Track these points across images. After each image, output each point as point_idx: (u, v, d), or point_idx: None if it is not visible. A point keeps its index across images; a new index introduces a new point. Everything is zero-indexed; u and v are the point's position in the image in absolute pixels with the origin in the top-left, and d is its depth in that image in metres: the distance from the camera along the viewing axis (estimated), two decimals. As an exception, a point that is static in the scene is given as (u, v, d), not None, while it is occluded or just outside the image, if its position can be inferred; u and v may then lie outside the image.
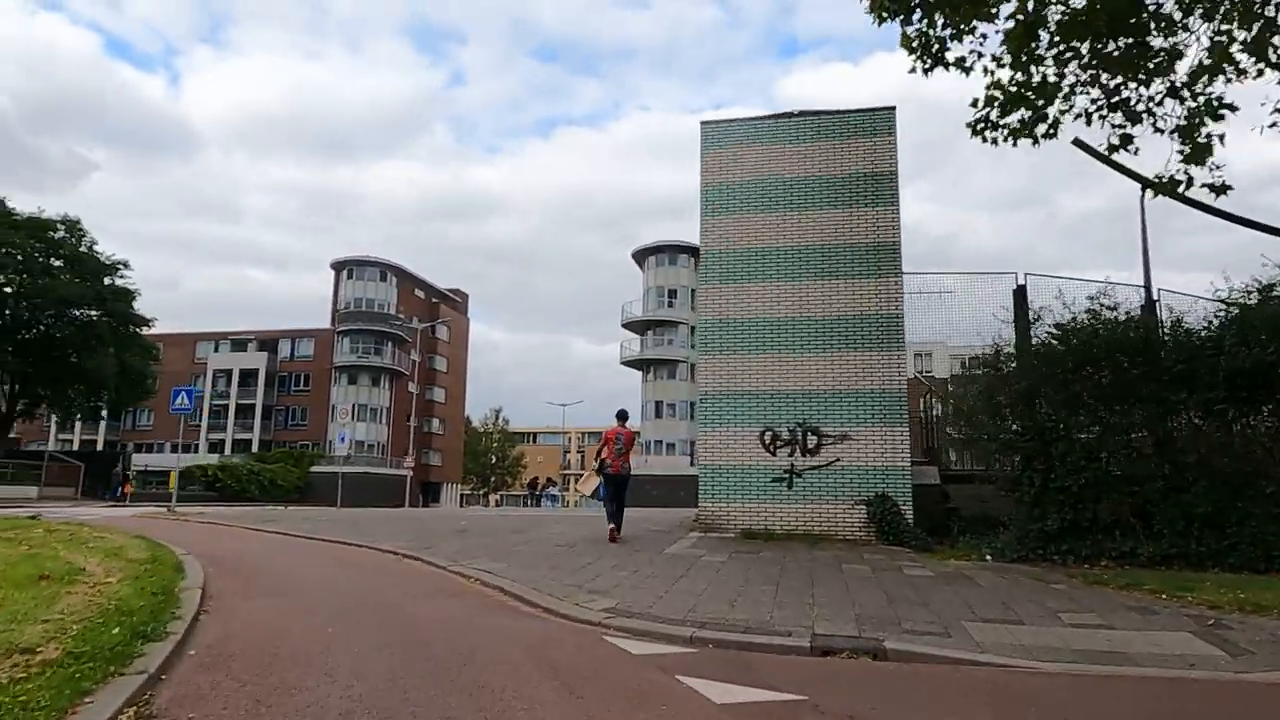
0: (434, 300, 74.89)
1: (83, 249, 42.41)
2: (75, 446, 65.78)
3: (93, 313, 41.52)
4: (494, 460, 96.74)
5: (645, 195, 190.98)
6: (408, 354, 69.10)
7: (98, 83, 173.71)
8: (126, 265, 43.63)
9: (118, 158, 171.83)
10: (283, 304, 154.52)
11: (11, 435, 71.10)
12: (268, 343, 69.01)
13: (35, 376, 41.36)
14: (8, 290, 39.35)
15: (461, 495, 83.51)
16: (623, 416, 13.17)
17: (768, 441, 12.84)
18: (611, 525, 11.90)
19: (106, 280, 42.76)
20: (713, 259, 13.65)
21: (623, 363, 63.95)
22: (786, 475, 12.68)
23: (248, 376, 67.51)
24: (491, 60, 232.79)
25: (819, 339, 12.96)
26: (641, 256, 64.72)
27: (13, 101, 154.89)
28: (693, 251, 63.87)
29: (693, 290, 63.22)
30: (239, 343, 69.49)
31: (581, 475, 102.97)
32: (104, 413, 46.29)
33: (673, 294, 62.80)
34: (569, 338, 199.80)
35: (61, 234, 42.04)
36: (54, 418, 62.25)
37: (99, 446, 66.50)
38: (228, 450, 65.07)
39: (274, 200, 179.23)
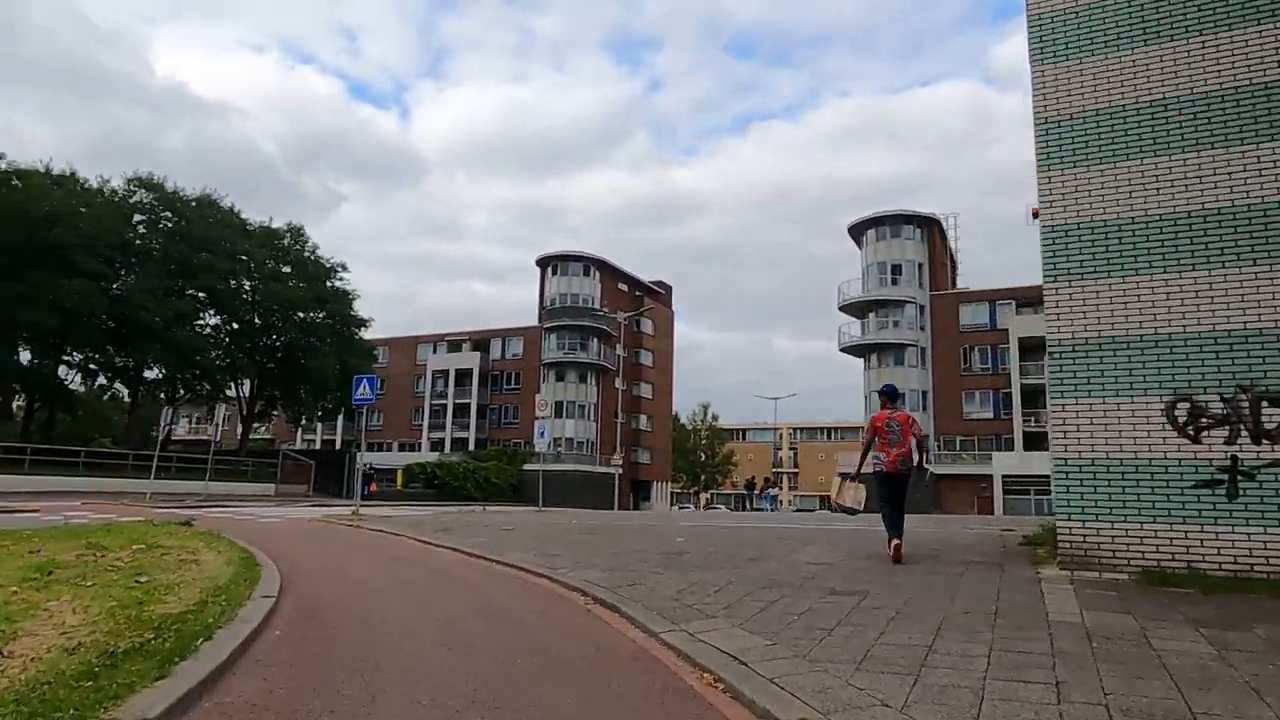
0: (637, 294, 72.88)
1: (306, 254, 43.77)
2: (317, 446, 70.66)
3: (315, 315, 42.60)
4: (703, 458, 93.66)
5: (847, 184, 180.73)
6: (613, 349, 67.48)
7: (343, 123, 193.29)
8: (344, 268, 44.58)
9: (362, 189, 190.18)
10: (501, 312, 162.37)
11: (266, 435, 78.36)
12: (480, 343, 70.28)
13: (269, 378, 43.18)
14: (244, 295, 41.20)
15: (672, 494, 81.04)
16: (892, 395, 9.48)
17: (1183, 419, 7.59)
18: (894, 539, 8.75)
19: (328, 283, 43.85)
20: (1062, 128, 8.53)
21: (841, 349, 57.98)
22: (1225, 475, 7.37)
23: (463, 376, 69.03)
24: (687, 62, 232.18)
25: (1271, 242, 7.51)
26: (860, 230, 58.36)
27: (279, 147, 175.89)
28: (919, 222, 56.55)
29: (920, 264, 55.99)
30: (454, 344, 71.38)
31: (816, 478, 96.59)
32: (327, 411, 47.58)
33: (896, 270, 55.91)
34: (772, 334, 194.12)
35: (287, 240, 43.62)
36: (303, 419, 66.78)
37: (337, 446, 70.85)
38: (447, 448, 66.71)
39: (491, 217, 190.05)
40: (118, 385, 44.48)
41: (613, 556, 9.58)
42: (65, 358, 41.79)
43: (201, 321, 40.03)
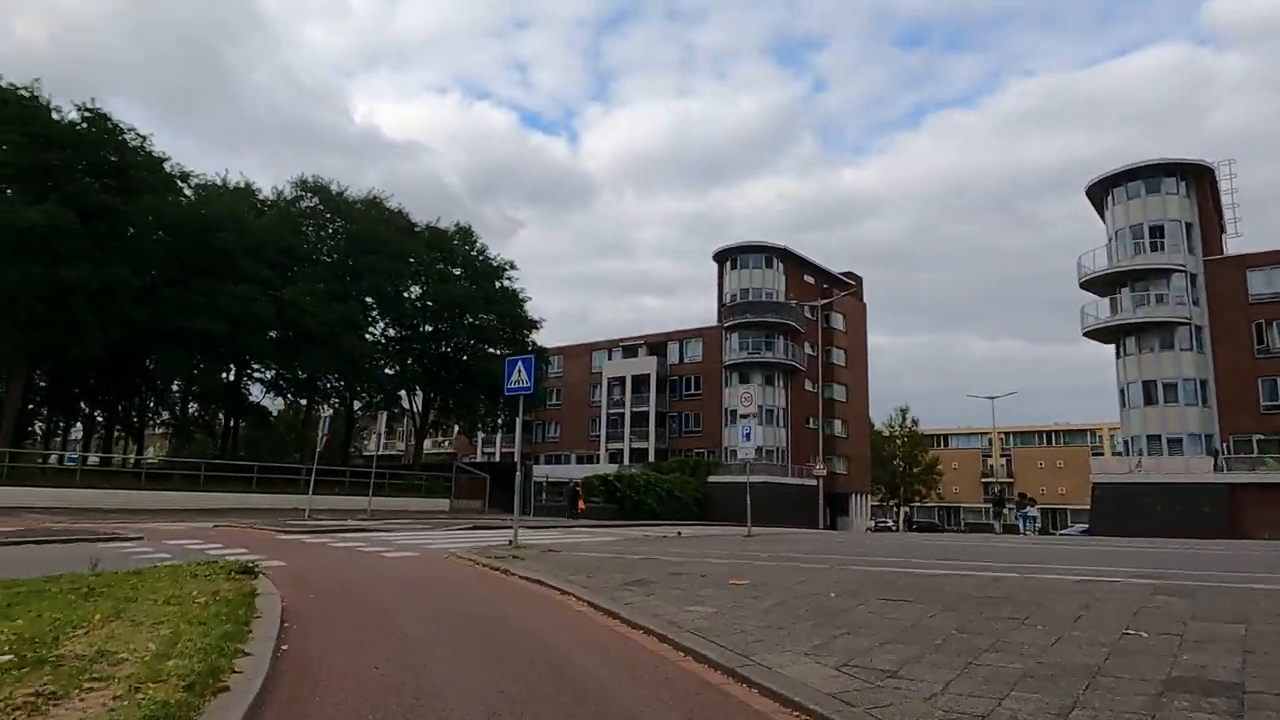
0: (825, 285, 65.81)
1: (474, 253, 40.99)
2: (496, 458, 69.13)
3: (485, 317, 39.54)
4: (902, 467, 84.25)
5: (1033, 170, 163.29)
6: (801, 347, 60.88)
7: (517, 152, 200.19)
8: (512, 266, 41.43)
9: (537, 214, 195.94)
10: (673, 325, 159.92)
11: (447, 449, 78.26)
12: (657, 347, 65.96)
13: (440, 386, 40.63)
14: (413, 300, 38.88)
15: (871, 508, 72.74)
16: None
17: None
18: None
19: (496, 284, 40.79)
20: None
21: (1085, 333, 48.06)
22: None
23: (639, 383, 64.95)
24: (853, 58, 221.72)
25: None
26: (1102, 191, 48.30)
27: (462, 179, 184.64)
28: (1183, 172, 45.84)
29: (1187, 225, 45.28)
30: (630, 349, 67.55)
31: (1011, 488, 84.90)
32: (498, 420, 44.48)
33: (1156, 232, 45.45)
34: (957, 335, 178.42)
35: (456, 241, 41.05)
36: (479, 430, 65.30)
37: (516, 458, 68.84)
38: (625, 460, 62.74)
39: (659, 231, 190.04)
40: (301, 400, 43.61)
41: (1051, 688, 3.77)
42: (256, 373, 41.41)
43: (371, 329, 38.06)
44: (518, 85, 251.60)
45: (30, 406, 45.15)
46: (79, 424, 48.77)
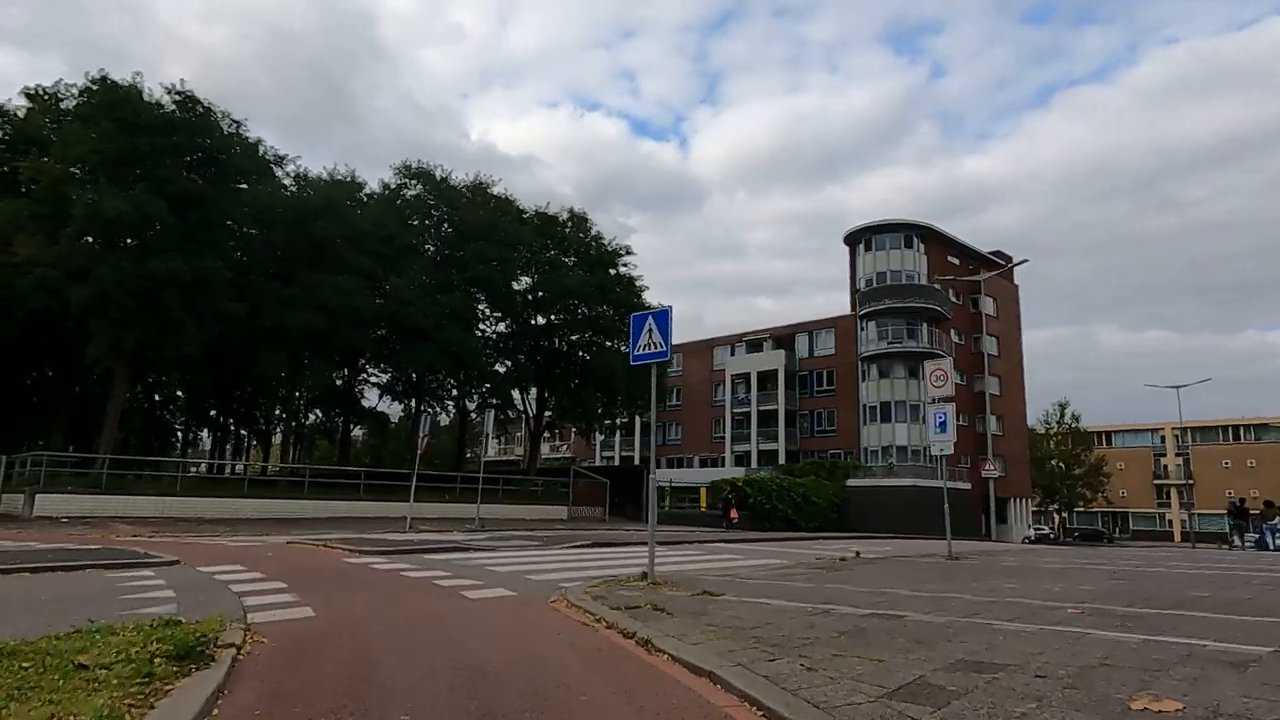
0: (971, 266, 59.05)
1: (587, 240, 37.74)
2: (615, 462, 65.96)
3: (600, 308, 36.08)
4: (1062, 468, 75.45)
5: (1180, 145, 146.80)
6: (947, 334, 54.56)
7: (628, 160, 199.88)
8: (629, 250, 37.82)
9: (648, 219, 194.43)
10: (799, 317, 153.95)
11: (565, 454, 75.80)
12: (784, 339, 61.03)
13: (554, 384, 37.51)
14: (522, 289, 35.98)
15: (1031, 514, 65.00)
16: None
17: None
18: None
19: (610, 270, 37.34)
20: None
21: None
22: None
23: (765, 379, 60.21)
24: (973, 40, 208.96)
25: None
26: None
27: (575, 190, 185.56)
28: None
29: None
30: (754, 343, 62.91)
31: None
32: (617, 419, 40.95)
33: None
34: (1095, 326, 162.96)
35: (568, 228, 37.94)
36: (597, 432, 62.43)
37: (635, 462, 65.57)
38: (753, 463, 58.16)
39: (772, 232, 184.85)
40: (411, 403, 41.56)
41: None
42: (372, 378, 39.67)
43: (480, 325, 35.36)
44: (627, 94, 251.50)
45: (162, 414, 45.47)
46: (205, 432, 48.70)
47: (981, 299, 58.61)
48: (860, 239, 56.53)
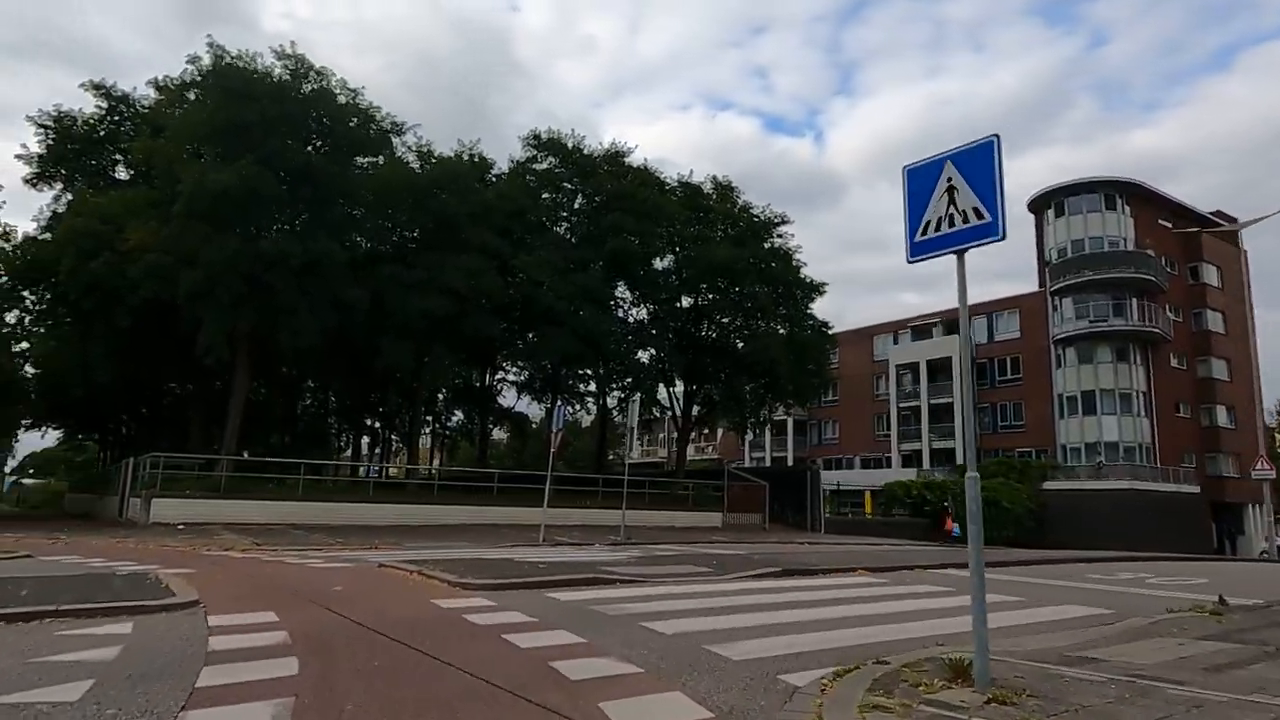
0: (1188, 228, 49.83)
1: (737, 209, 33.30)
2: (767, 463, 60.89)
3: (754, 286, 31.43)
4: (1303, 469, 63.24)
5: None
6: (1163, 309, 45.98)
7: (762, 158, 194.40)
8: (784, 219, 33.04)
9: (786, 217, 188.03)
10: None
11: (711, 455, 71.29)
12: (956, 324, 53.88)
13: (702, 373, 33.24)
14: (665, 269, 31.99)
15: (1271, 524, 54.30)
16: None
17: None
18: None
19: (765, 243, 32.71)
20: None
21: None
22: None
23: (937, 370, 53.42)
24: (1138, 2, 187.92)
25: None
26: None
27: (710, 191, 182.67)
28: None
29: None
30: (921, 329, 56.13)
31: None
32: (779, 414, 36.15)
33: None
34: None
35: (713, 199, 33.68)
36: (749, 429, 58.12)
37: (789, 463, 60.29)
38: (925, 463, 51.62)
39: None
40: (547, 400, 38.46)
41: None
42: (511, 377, 37.12)
43: (618, 307, 31.64)
44: (759, 91, 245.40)
45: (316, 418, 44.85)
46: (350, 438, 47.91)
47: (1203, 267, 49.40)
48: (1048, 204, 48.78)
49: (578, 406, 37.70)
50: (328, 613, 7.18)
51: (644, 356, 30.91)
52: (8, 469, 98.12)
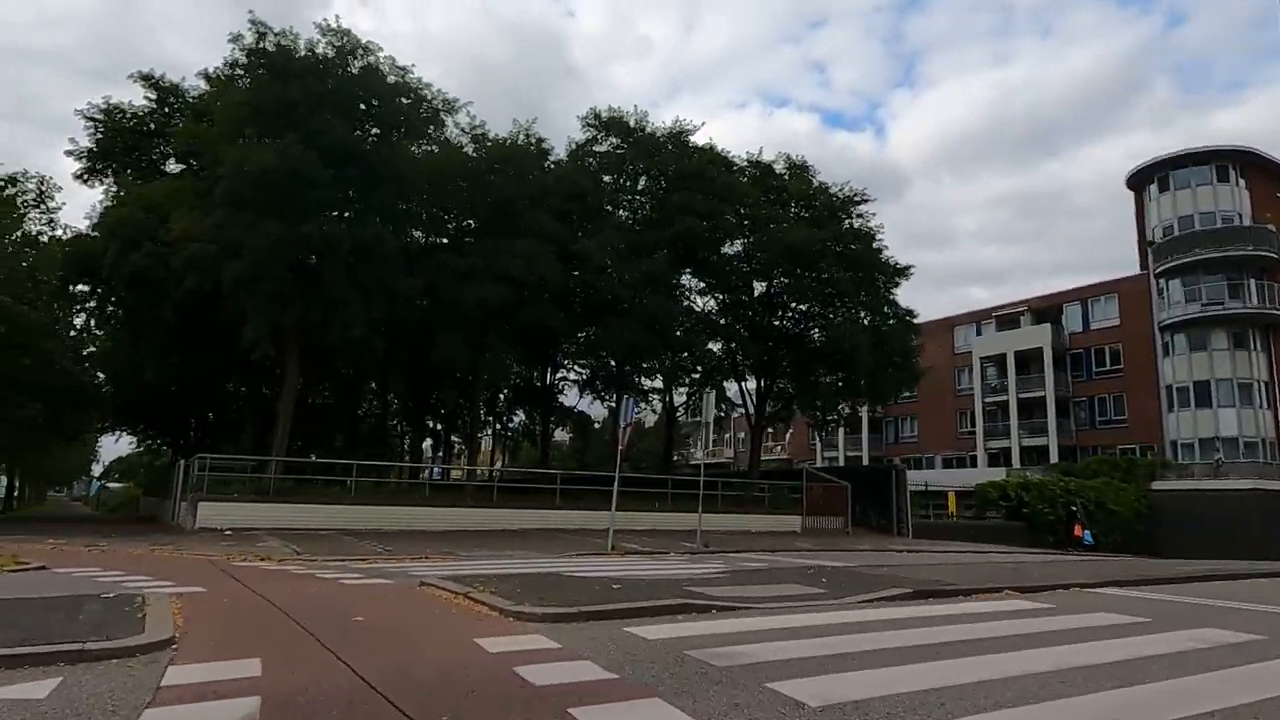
0: (1311, 202, 45.13)
1: (812, 189, 30.90)
2: (840, 463, 57.90)
3: (832, 270, 28.90)
4: None
5: None
6: (1286, 291, 41.58)
7: (820, 154, 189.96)
8: (865, 197, 30.46)
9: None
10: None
11: (779, 455, 68.45)
12: (1046, 312, 50.16)
13: (775, 366, 30.86)
14: (733, 251, 29.77)
15: None
16: None
17: None
18: None
19: (844, 222, 30.21)
20: None
21: None
22: None
23: (1026, 362, 49.70)
24: None
25: None
26: None
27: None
28: None
29: None
30: (1007, 319, 52.42)
31: None
32: (861, 410, 33.50)
33: None
34: None
35: (786, 176, 31.34)
36: (825, 426, 55.45)
37: (864, 463, 57.22)
38: (1014, 461, 48.00)
39: (983, 216, 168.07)
40: (611, 398, 36.55)
41: None
42: (573, 374, 35.46)
43: (684, 294, 29.50)
44: (817, 86, 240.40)
45: (380, 420, 43.84)
46: (407, 439, 46.85)
47: (1328, 244, 44.60)
48: (1150, 178, 44.79)
49: (643, 405, 35.72)
50: (334, 661, 5.27)
51: (715, 348, 28.69)
52: (95, 473, 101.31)
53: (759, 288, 30.20)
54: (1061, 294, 49.99)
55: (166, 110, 26.41)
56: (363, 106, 22.23)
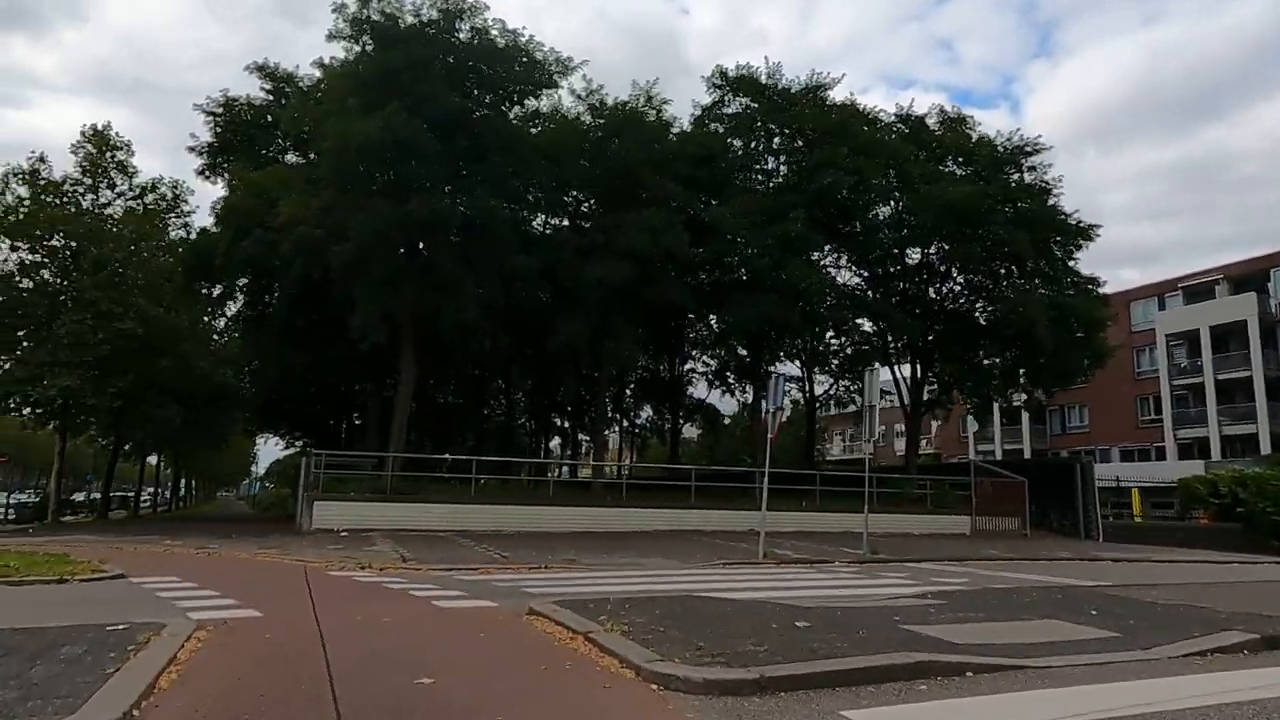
0: None
1: (972, 142, 27.06)
2: (997, 456, 52.38)
3: (999, 231, 24.81)
4: None
5: None
6: None
7: (952, 135, 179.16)
8: (1038, 147, 26.33)
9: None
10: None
11: (926, 450, 63.07)
12: (1247, 280, 43.13)
13: (933, 346, 27.10)
14: (885, 220, 26.30)
15: None
16: None
17: None
18: None
19: (1013, 176, 26.20)
20: None
21: None
22: None
23: (1224, 338, 42.90)
24: None
25: None
26: None
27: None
28: None
29: None
30: (1197, 290, 45.53)
31: None
32: (1043, 393, 29.13)
33: None
34: None
35: (939, 130, 27.64)
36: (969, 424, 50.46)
37: (1026, 455, 51.60)
38: (1214, 453, 41.54)
39: (1133, 191, 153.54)
40: (743, 389, 33.72)
41: None
42: (701, 366, 33.13)
43: (829, 271, 26.26)
44: (944, 64, 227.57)
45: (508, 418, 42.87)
46: (529, 437, 45.63)
47: None
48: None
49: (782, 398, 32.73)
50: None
51: (865, 325, 25.37)
52: (259, 474, 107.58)
53: (911, 258, 26.56)
54: (1267, 257, 42.88)
55: (282, 101, 25.75)
56: (471, 73, 20.45)
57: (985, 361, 27.13)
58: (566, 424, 45.50)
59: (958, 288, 26.60)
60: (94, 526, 27.04)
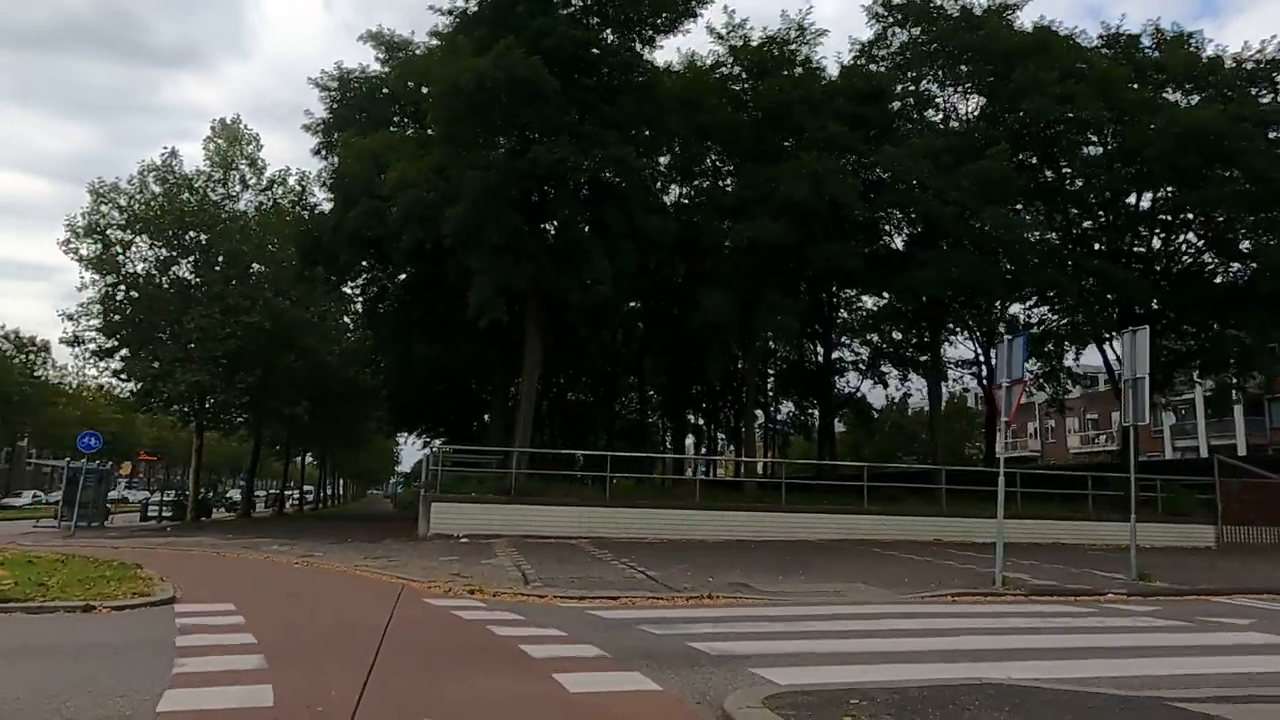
0: None
1: (1201, 62, 21.92)
2: (1203, 453, 44.85)
3: (1258, 160, 19.43)
4: None
5: None
6: None
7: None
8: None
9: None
10: None
11: (1103, 446, 55.42)
12: None
13: (1165, 309, 21.95)
14: (1099, 157, 21.51)
15: None
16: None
17: None
18: None
19: (1260, 97, 20.83)
20: None
21: None
22: None
23: None
24: None
25: None
26: None
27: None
28: None
29: None
30: None
31: None
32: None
33: None
34: None
35: (1156, 53, 22.74)
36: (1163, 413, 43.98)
37: (1239, 451, 43.91)
38: None
39: None
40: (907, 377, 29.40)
41: None
42: (849, 356, 29.36)
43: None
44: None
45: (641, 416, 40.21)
46: (667, 435, 42.70)
47: None
48: None
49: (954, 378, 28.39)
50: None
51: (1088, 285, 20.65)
52: (404, 472, 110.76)
53: (1142, 200, 21.59)
54: None
55: (398, 71, 23.92)
56: (595, 2, 17.56)
57: (1232, 332, 21.74)
58: (701, 421, 42.39)
59: (1193, 237, 21.39)
60: (231, 526, 26.40)
